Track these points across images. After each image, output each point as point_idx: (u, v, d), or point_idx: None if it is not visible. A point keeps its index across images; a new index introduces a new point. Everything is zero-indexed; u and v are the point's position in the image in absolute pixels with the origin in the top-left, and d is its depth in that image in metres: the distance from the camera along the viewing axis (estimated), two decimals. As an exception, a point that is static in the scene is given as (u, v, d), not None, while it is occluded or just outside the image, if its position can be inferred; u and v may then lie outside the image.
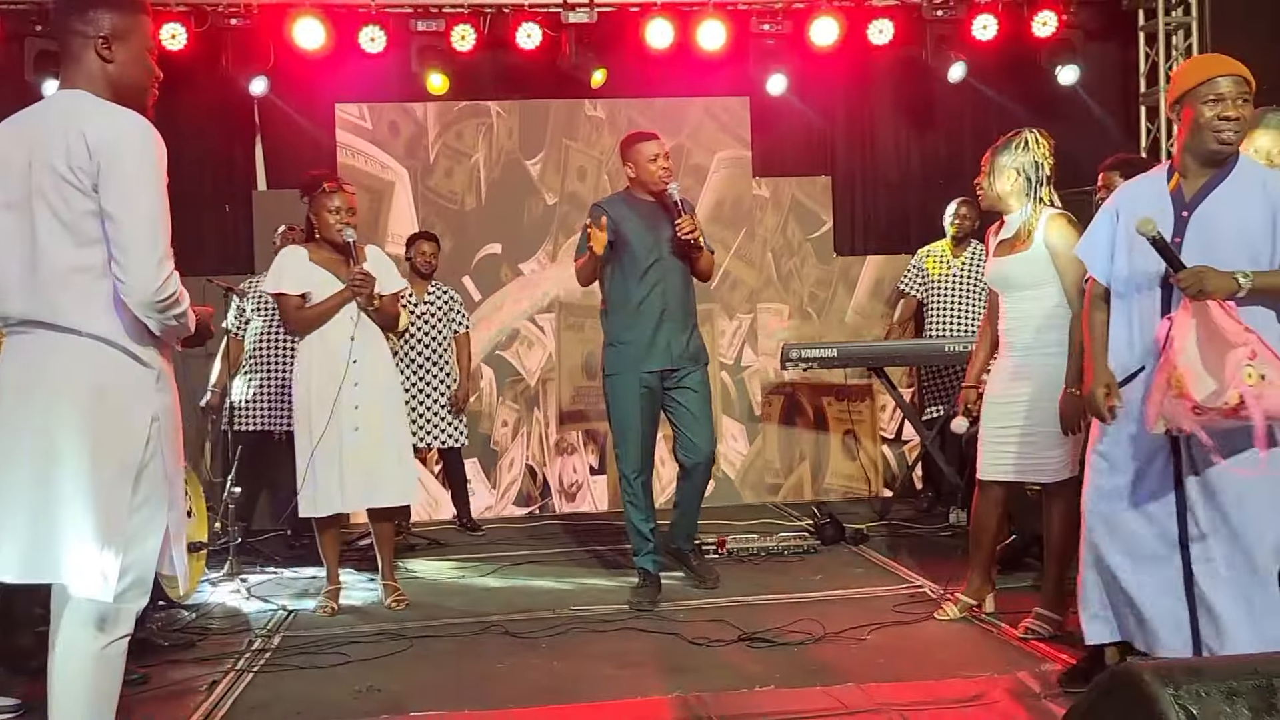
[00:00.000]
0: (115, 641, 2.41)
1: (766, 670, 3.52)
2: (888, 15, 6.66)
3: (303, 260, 4.31)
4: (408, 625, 4.20)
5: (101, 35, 2.42)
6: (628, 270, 4.37)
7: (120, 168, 2.33)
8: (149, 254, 2.34)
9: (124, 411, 2.38)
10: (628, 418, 4.41)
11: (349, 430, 4.24)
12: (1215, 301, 2.70)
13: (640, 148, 4.37)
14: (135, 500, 2.39)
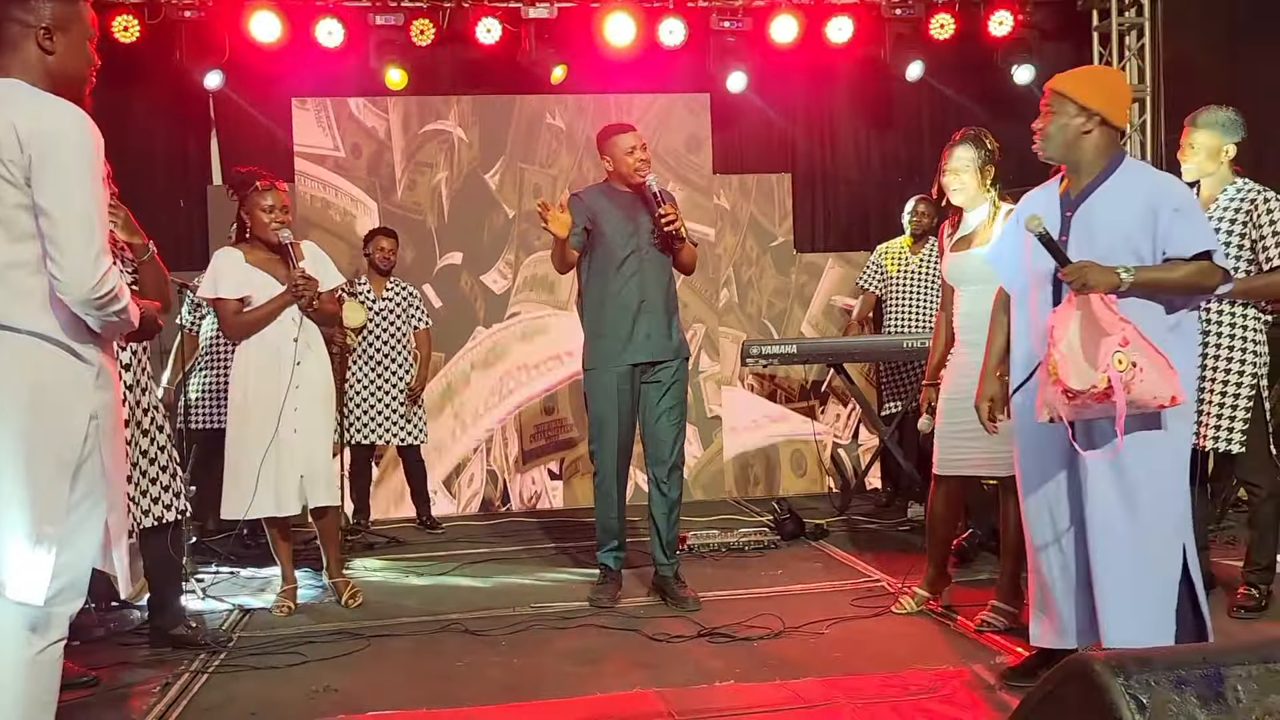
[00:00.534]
0: (49, 647, 2.35)
1: (726, 665, 3.53)
2: (847, 13, 6.69)
3: (238, 262, 4.19)
4: (365, 624, 4.16)
5: (43, 25, 2.37)
6: (605, 262, 4.27)
7: (53, 161, 2.27)
8: (84, 250, 2.28)
9: (62, 410, 2.33)
10: (606, 411, 4.30)
11: (288, 432, 4.17)
12: (1097, 295, 2.79)
13: (617, 140, 4.27)
14: (71, 500, 2.33)
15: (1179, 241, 2.83)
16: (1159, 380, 2.74)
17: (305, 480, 4.22)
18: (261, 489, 4.13)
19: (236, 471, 4.20)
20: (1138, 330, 2.76)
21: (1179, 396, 2.77)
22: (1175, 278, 2.85)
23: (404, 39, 6.48)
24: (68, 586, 2.35)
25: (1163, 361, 2.76)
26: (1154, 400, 2.77)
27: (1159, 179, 2.96)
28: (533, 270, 6.98)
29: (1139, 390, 2.73)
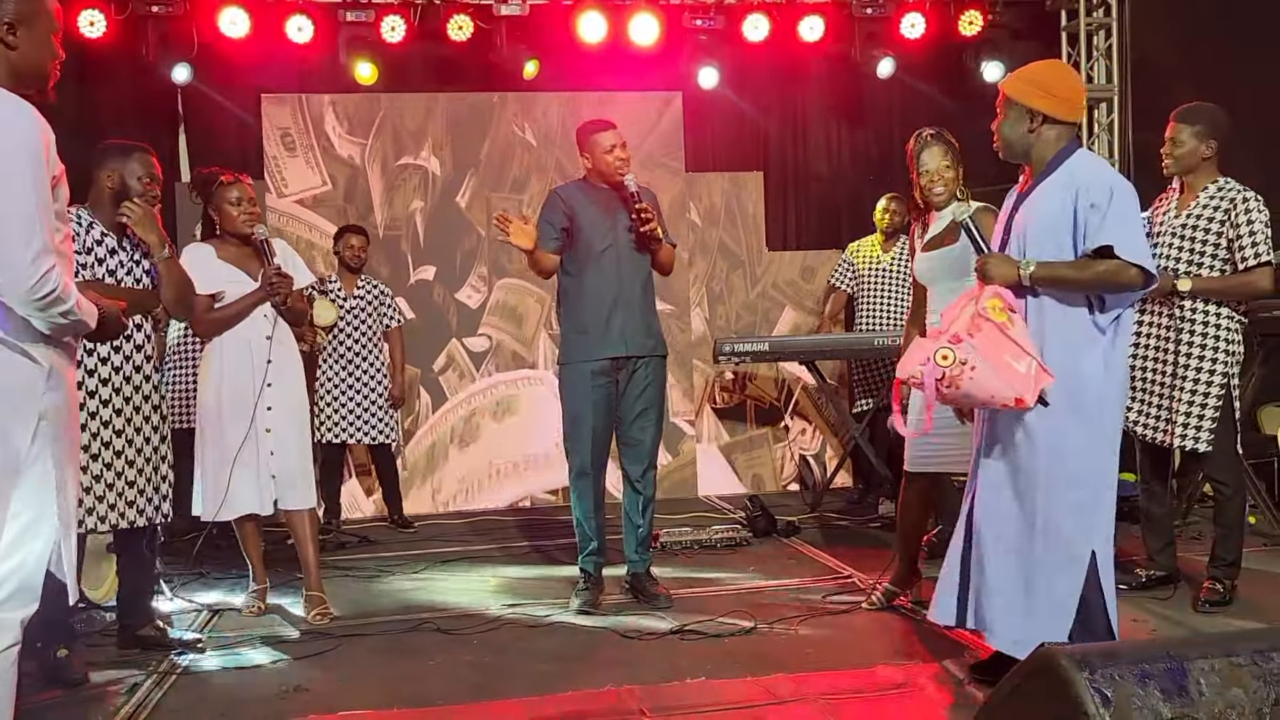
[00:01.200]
0: (3, 652, 2.30)
1: (698, 662, 3.54)
2: (818, 12, 6.71)
3: (210, 258, 4.14)
4: (336, 624, 4.14)
5: (6, 21, 2.33)
6: (582, 257, 4.23)
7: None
8: (22, 250, 2.22)
9: (7, 411, 2.28)
10: (580, 408, 4.24)
11: (261, 431, 4.14)
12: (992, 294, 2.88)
13: (597, 138, 4.23)
14: (15, 505, 2.28)
15: (1090, 237, 2.86)
16: (996, 382, 2.79)
17: (277, 481, 4.18)
18: (233, 489, 4.09)
19: (207, 471, 4.16)
20: (1001, 332, 2.80)
21: (1025, 400, 2.80)
22: (1082, 276, 2.87)
23: (374, 35, 6.44)
24: (18, 591, 2.31)
25: (1014, 367, 2.78)
26: (992, 399, 2.85)
27: (1087, 173, 2.93)
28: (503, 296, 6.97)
29: (970, 386, 2.82)
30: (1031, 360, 2.81)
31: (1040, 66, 3.17)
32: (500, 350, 6.97)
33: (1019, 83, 3.07)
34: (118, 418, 3.66)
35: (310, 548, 4.29)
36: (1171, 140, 4.01)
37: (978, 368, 2.79)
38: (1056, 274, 2.88)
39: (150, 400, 3.78)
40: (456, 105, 6.97)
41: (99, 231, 3.60)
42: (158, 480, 3.80)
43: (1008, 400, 2.82)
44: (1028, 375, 2.79)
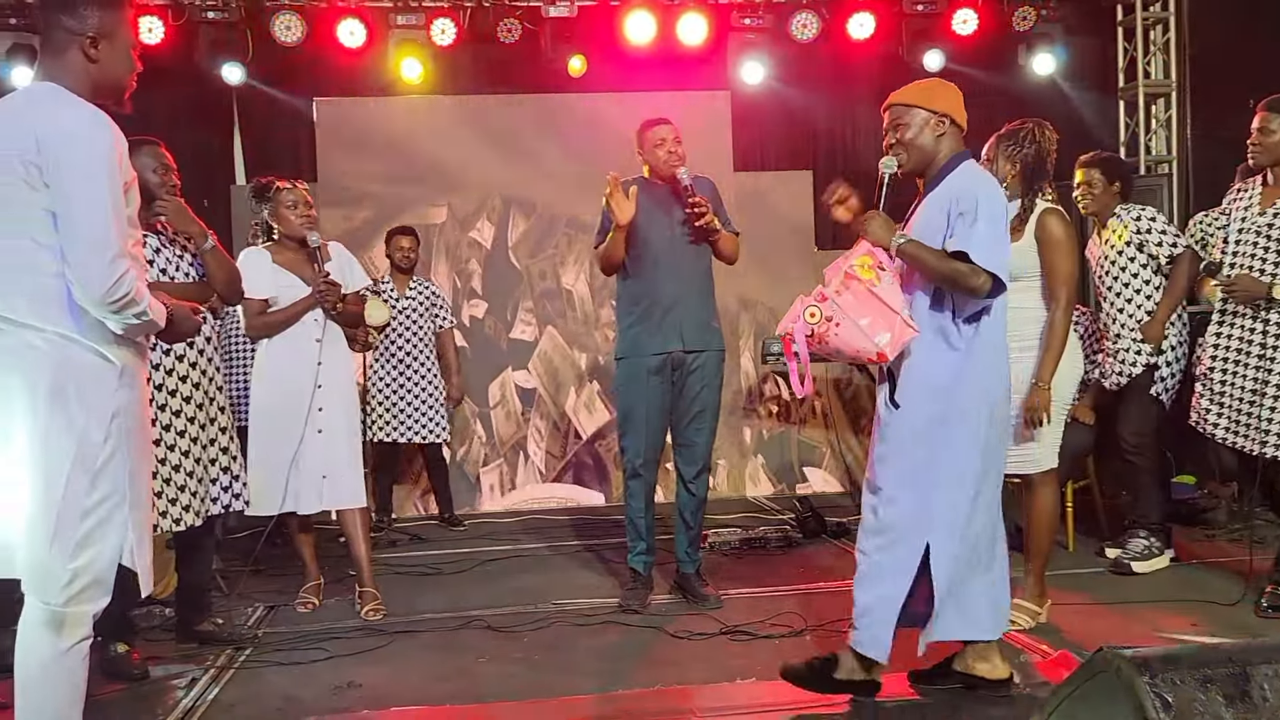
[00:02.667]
0: (75, 646, 2.37)
1: (748, 664, 3.53)
2: (868, 9, 6.67)
3: (265, 263, 4.22)
4: (388, 621, 4.19)
5: (89, 34, 2.38)
6: (640, 253, 4.21)
7: (68, 164, 2.28)
8: (99, 253, 2.29)
9: (83, 408, 2.34)
10: (634, 404, 4.23)
11: (312, 432, 4.20)
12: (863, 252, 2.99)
13: (648, 134, 4.24)
14: (91, 500, 2.34)
15: (954, 239, 2.95)
16: (859, 337, 2.90)
17: (329, 480, 4.24)
18: (286, 488, 4.16)
19: (261, 469, 4.22)
20: (868, 290, 2.91)
21: (885, 354, 2.90)
22: (936, 265, 2.96)
23: (425, 39, 6.51)
24: (91, 585, 2.36)
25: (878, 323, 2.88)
26: (858, 354, 2.94)
27: (964, 182, 3.03)
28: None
29: (837, 342, 2.93)
30: (896, 316, 2.91)
31: (934, 80, 3.28)
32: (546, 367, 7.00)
33: (916, 92, 3.13)
34: (188, 406, 3.73)
35: (362, 545, 4.35)
36: (1260, 130, 3.90)
37: (842, 324, 2.90)
38: (919, 254, 2.98)
39: (221, 391, 3.87)
40: (505, 107, 7.01)
41: (140, 233, 3.67)
42: (235, 469, 3.90)
43: (870, 354, 2.93)
44: (890, 330, 2.90)
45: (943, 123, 3.07)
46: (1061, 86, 7.09)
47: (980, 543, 3.05)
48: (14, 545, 2.32)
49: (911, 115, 3.09)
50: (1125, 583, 4.42)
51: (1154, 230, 4.52)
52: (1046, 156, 3.83)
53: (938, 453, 2.97)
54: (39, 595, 2.33)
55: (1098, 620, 3.89)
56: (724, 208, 4.35)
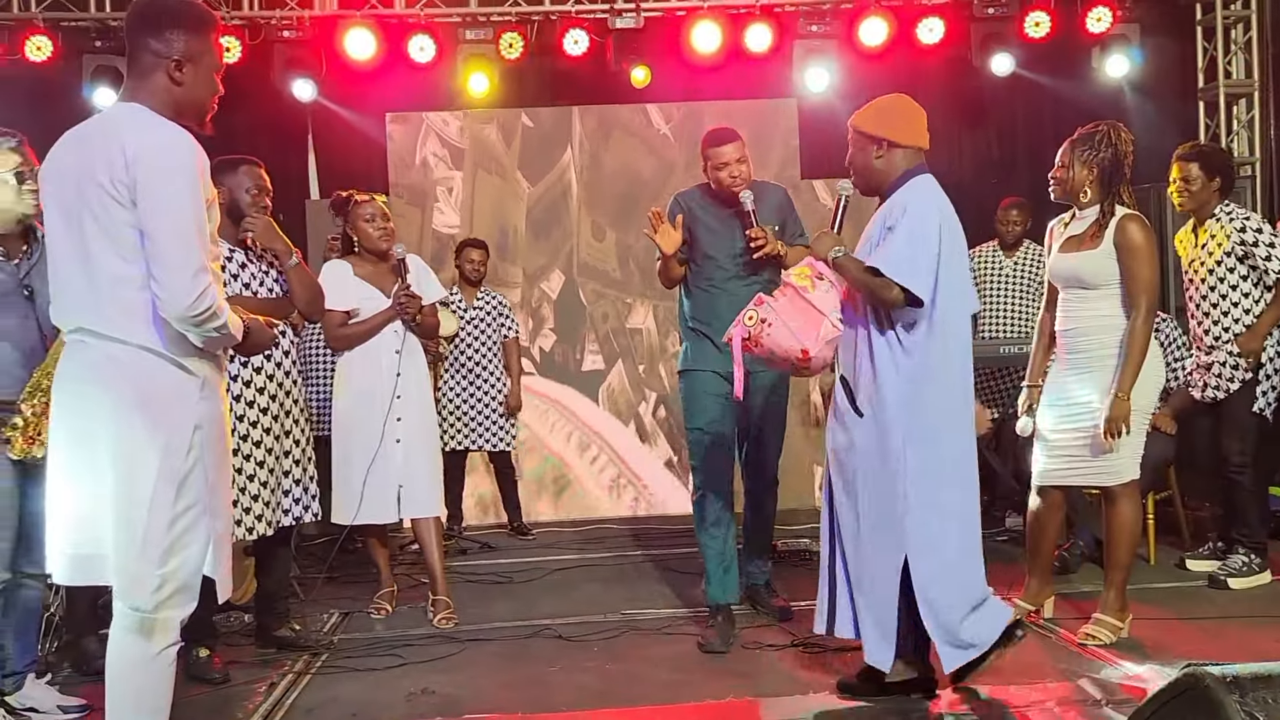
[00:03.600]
0: (164, 650, 2.43)
1: (821, 676, 3.50)
2: (938, 13, 6.59)
3: (347, 275, 4.30)
4: (460, 629, 4.23)
5: (175, 58, 2.45)
6: (702, 268, 4.05)
7: (154, 182, 2.34)
8: (183, 269, 2.34)
9: (166, 420, 2.40)
10: (701, 421, 3.99)
11: (391, 442, 4.26)
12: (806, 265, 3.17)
13: (712, 152, 3.97)
14: (177, 509, 2.39)
15: (877, 254, 3.07)
16: (787, 338, 3.06)
17: (405, 489, 4.30)
18: (364, 497, 4.23)
19: (339, 479, 4.31)
20: (800, 295, 3.08)
21: (808, 351, 3.04)
22: (859, 277, 3.09)
23: (493, 53, 6.59)
24: (177, 592, 2.42)
25: (805, 324, 3.04)
26: (785, 353, 3.07)
27: (899, 200, 3.12)
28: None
29: (768, 343, 3.09)
30: (823, 318, 3.06)
31: (887, 99, 3.34)
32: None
33: (863, 115, 3.25)
34: (265, 417, 3.81)
35: (436, 554, 4.40)
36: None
37: (774, 325, 3.06)
38: (847, 266, 3.12)
39: (296, 404, 3.95)
40: (573, 118, 7.05)
41: (227, 248, 3.76)
42: (306, 481, 3.98)
43: (796, 353, 3.06)
44: (814, 331, 3.05)
45: (880, 145, 3.16)
46: (1136, 89, 6.93)
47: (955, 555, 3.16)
48: (104, 554, 2.39)
49: (855, 139, 3.23)
50: (1210, 597, 4.29)
51: (1261, 244, 4.29)
52: (1123, 160, 3.73)
53: (902, 462, 3.07)
54: (129, 602, 2.40)
55: (1182, 636, 3.79)
56: (795, 216, 4.18)
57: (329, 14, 6.53)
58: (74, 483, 2.41)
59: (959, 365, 3.17)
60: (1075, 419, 3.74)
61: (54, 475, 2.45)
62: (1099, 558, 4.18)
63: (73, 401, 2.42)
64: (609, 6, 6.54)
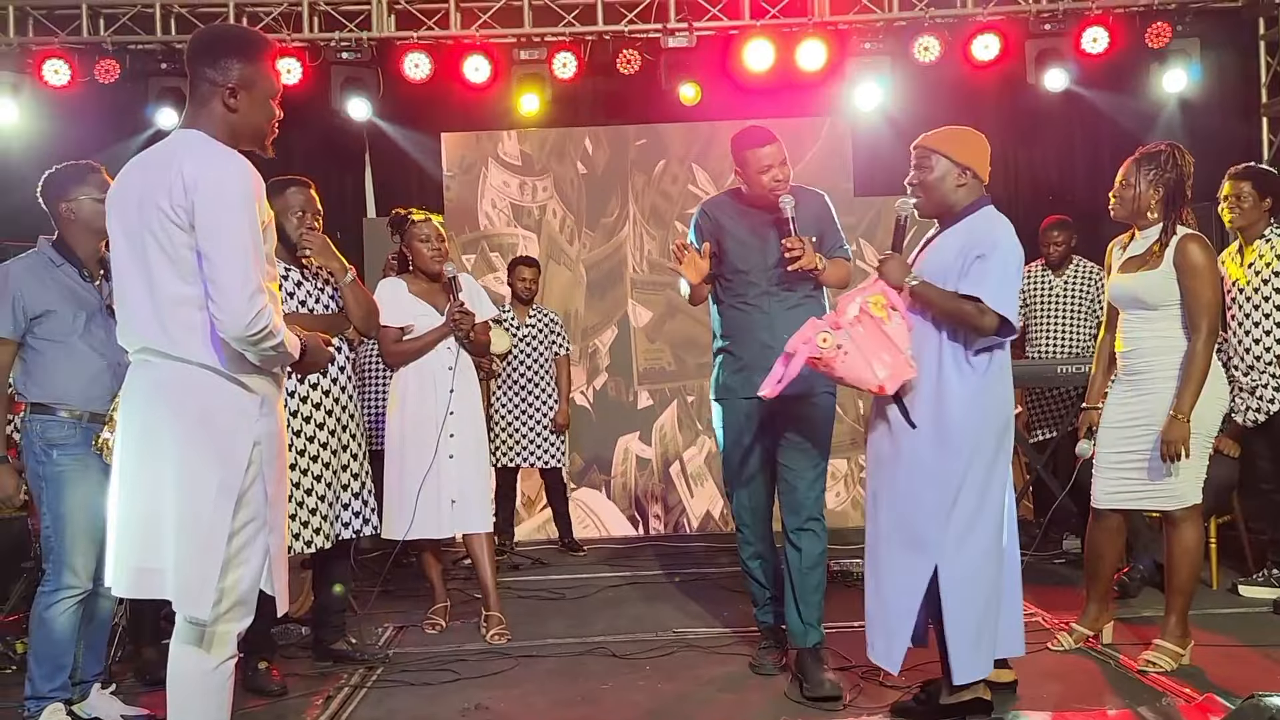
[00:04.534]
0: (222, 663, 2.48)
1: (876, 698, 3.47)
2: (994, 30, 6.55)
3: (402, 293, 4.36)
4: (513, 645, 4.26)
5: (229, 85, 2.50)
6: (731, 280, 3.71)
7: (211, 206, 2.39)
8: (240, 290, 2.39)
9: (227, 437, 2.45)
10: (737, 447, 3.73)
11: (444, 458, 4.30)
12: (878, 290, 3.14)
13: (748, 156, 3.61)
14: (236, 523, 2.44)
15: (969, 281, 3.09)
16: (863, 368, 3.05)
17: (458, 505, 4.34)
18: (417, 512, 4.27)
19: (395, 493, 4.36)
20: (878, 327, 3.07)
21: (885, 388, 3.06)
22: (945, 305, 3.10)
23: (547, 73, 6.66)
24: (235, 605, 2.47)
25: (882, 358, 3.04)
26: (858, 382, 3.08)
27: (981, 230, 3.16)
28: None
29: (842, 370, 3.09)
30: (901, 356, 3.07)
31: (967, 130, 3.33)
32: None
33: (946, 139, 3.25)
34: (322, 432, 3.88)
35: (488, 569, 4.44)
36: None
37: (850, 354, 3.06)
38: (929, 295, 3.12)
39: (353, 419, 4.02)
40: (623, 136, 7.11)
41: (283, 267, 3.83)
42: (364, 494, 4.03)
43: (871, 386, 3.08)
44: (892, 368, 3.05)
45: (965, 174, 3.20)
46: (1195, 105, 6.82)
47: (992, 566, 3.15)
48: (164, 569, 2.44)
49: (936, 161, 3.21)
50: (1276, 624, 4.20)
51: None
52: (1186, 180, 3.69)
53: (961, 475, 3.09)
54: (188, 615, 2.45)
55: (1244, 664, 3.71)
56: (835, 227, 3.78)
57: (387, 36, 6.64)
58: (137, 497, 2.47)
59: (1010, 387, 3.23)
60: (1136, 441, 3.68)
61: (118, 490, 2.51)
62: (1159, 582, 4.09)
63: (138, 418, 2.49)
64: (662, 26, 6.59)
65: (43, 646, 3.30)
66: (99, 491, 3.25)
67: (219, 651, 2.47)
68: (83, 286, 3.44)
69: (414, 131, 7.05)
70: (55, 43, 6.51)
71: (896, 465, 3.17)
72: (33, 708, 3.27)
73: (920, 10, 6.59)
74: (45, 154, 6.53)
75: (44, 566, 3.35)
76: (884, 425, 3.21)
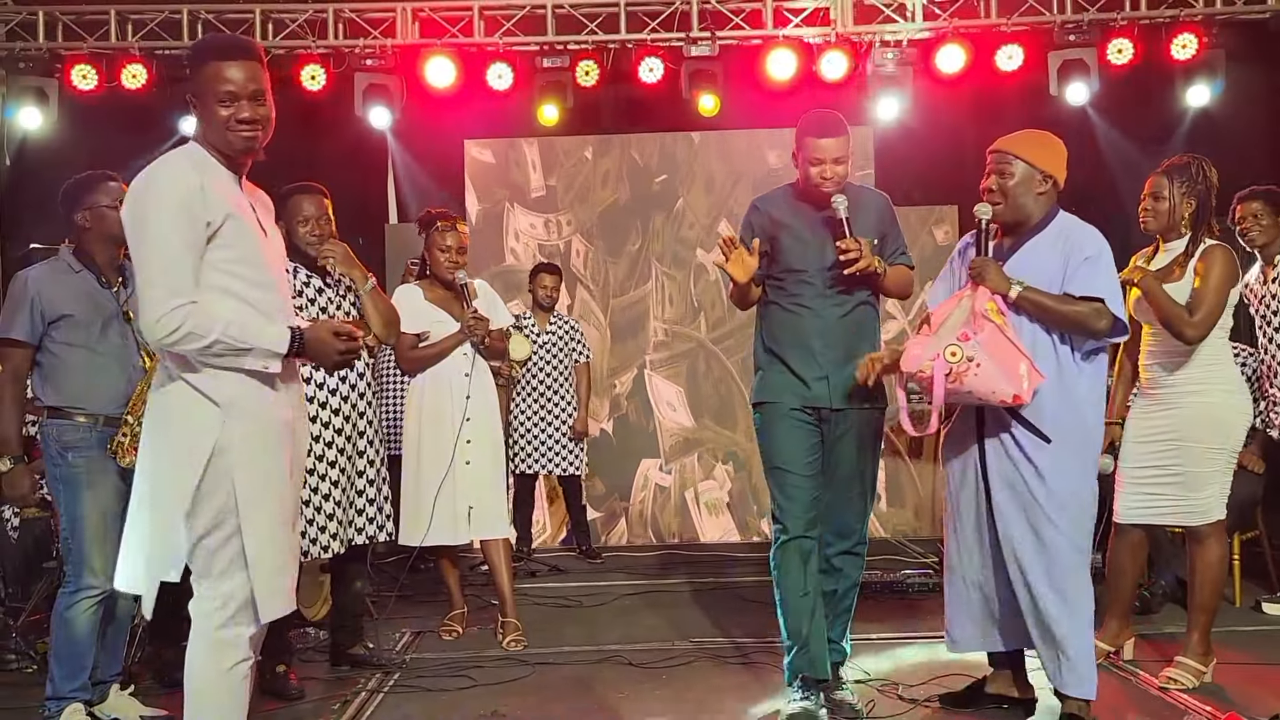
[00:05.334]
0: (235, 666, 2.48)
1: (892, 712, 3.45)
2: (1017, 41, 6.52)
3: (418, 299, 4.37)
4: (530, 652, 4.25)
5: (189, 94, 2.52)
6: (783, 281, 3.48)
7: (131, 213, 2.44)
8: (148, 291, 2.39)
9: (181, 440, 2.44)
10: (783, 458, 3.42)
11: (461, 464, 4.31)
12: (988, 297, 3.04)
13: (808, 144, 3.38)
14: (198, 529, 2.41)
15: (1079, 283, 3.05)
16: (998, 379, 2.93)
17: (475, 511, 4.34)
18: (434, 519, 4.28)
19: (411, 499, 4.37)
20: (1000, 332, 2.97)
21: (1022, 397, 2.96)
22: (1061, 309, 3.06)
23: (569, 80, 6.67)
24: (239, 611, 2.47)
25: (1014, 365, 2.94)
26: (992, 394, 2.96)
27: (1081, 232, 3.15)
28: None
29: (972, 383, 2.95)
30: (1026, 361, 2.97)
31: (1046, 135, 3.27)
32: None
33: (1027, 144, 3.20)
34: (339, 437, 3.89)
35: (505, 576, 4.44)
36: None
37: (983, 365, 2.92)
38: (1040, 301, 3.06)
39: (371, 425, 4.03)
40: (645, 145, 7.12)
41: (304, 274, 3.86)
42: (380, 500, 4.04)
43: (1006, 397, 2.96)
44: (1025, 374, 2.95)
45: (1046, 181, 3.15)
46: (1221, 117, 6.77)
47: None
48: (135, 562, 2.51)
49: (1017, 167, 3.15)
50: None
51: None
52: (1212, 192, 3.67)
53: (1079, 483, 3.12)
54: (197, 619, 2.48)
55: (1268, 682, 3.66)
56: (897, 230, 3.58)
57: (411, 43, 6.67)
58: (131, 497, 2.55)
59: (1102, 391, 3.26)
60: (1159, 455, 3.65)
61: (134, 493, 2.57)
62: (1182, 598, 4.06)
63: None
64: (684, 35, 6.60)
65: (63, 646, 3.32)
66: (115, 493, 3.28)
67: (231, 655, 2.48)
68: (100, 292, 3.48)
69: (437, 138, 7.08)
70: (84, 48, 6.58)
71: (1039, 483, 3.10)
72: (53, 708, 3.29)
73: (943, 21, 6.58)
74: (73, 161, 6.60)
75: (64, 568, 3.38)
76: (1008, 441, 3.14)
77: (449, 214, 4.48)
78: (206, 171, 2.46)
